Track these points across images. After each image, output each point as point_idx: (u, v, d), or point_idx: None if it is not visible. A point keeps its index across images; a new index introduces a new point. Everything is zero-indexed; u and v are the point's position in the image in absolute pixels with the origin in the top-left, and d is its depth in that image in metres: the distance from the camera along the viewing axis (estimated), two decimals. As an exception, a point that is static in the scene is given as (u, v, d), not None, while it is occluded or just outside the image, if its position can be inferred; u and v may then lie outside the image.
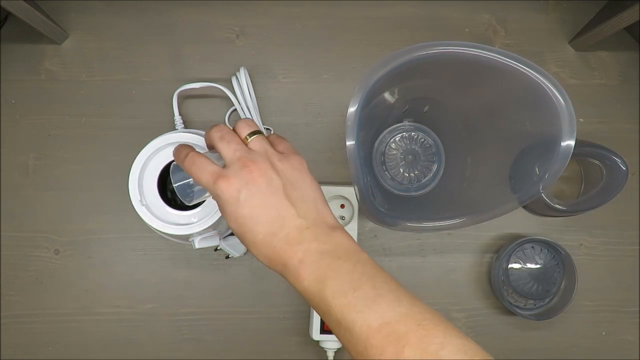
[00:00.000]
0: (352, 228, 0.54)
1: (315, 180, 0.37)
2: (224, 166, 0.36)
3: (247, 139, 0.37)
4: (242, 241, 0.36)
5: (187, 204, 0.40)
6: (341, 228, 0.36)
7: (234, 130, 0.37)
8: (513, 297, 0.56)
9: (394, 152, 0.57)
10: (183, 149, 0.38)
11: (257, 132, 0.37)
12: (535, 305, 0.56)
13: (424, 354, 0.27)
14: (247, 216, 0.34)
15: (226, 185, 0.34)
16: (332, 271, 0.32)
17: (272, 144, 0.38)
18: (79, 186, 0.56)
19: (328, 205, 0.37)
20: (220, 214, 0.45)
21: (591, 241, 0.58)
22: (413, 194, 0.57)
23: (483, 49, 0.39)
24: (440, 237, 0.57)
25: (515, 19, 0.60)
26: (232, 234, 0.51)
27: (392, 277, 0.33)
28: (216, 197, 0.35)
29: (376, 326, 0.29)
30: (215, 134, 0.37)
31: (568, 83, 0.59)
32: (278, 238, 0.34)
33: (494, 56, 0.39)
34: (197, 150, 0.38)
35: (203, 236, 0.46)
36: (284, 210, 0.34)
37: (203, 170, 0.36)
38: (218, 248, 0.49)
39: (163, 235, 0.47)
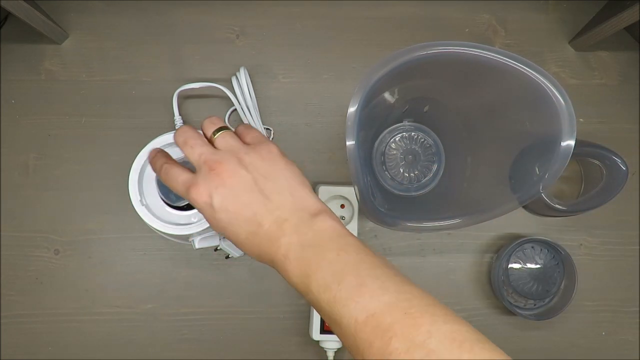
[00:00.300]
0: (352, 228, 0.54)
1: (289, 164, 0.36)
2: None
3: (214, 137, 0.36)
4: (231, 242, 0.35)
5: (173, 204, 0.40)
6: (324, 211, 0.34)
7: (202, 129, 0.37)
8: (513, 297, 0.56)
9: (394, 152, 0.57)
10: (158, 160, 0.37)
11: (222, 128, 0.36)
12: (535, 305, 0.56)
13: (411, 345, 0.26)
14: (224, 220, 0.34)
15: (197, 194, 0.34)
16: (315, 264, 0.31)
17: (240, 137, 0.37)
18: (79, 186, 0.56)
19: (307, 186, 0.36)
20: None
21: (591, 241, 0.58)
22: (413, 194, 0.57)
23: (483, 49, 0.39)
24: (440, 237, 0.57)
25: (515, 19, 0.60)
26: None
27: (380, 259, 0.32)
28: (193, 205, 0.35)
29: (362, 319, 0.28)
30: (179, 139, 0.36)
31: (568, 83, 0.59)
32: (260, 236, 0.33)
33: (494, 56, 0.39)
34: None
35: (203, 236, 0.46)
36: (259, 207, 0.33)
37: (175, 181, 0.35)
38: (218, 248, 0.49)
39: (163, 235, 0.47)
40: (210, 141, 0.37)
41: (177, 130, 0.37)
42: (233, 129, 0.39)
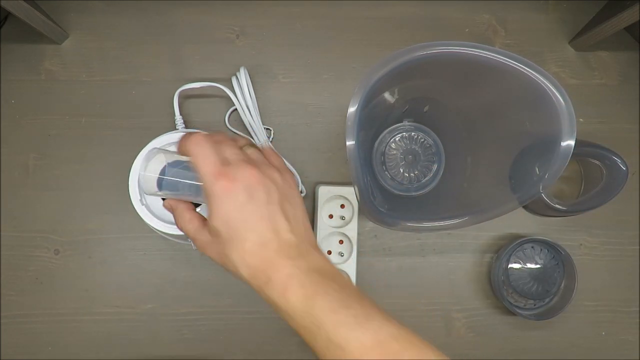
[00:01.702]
0: (352, 228, 0.54)
1: (301, 197, 0.38)
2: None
3: (243, 148, 0.37)
4: (225, 245, 0.34)
5: (147, 194, 0.38)
6: (322, 252, 0.36)
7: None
8: (513, 297, 0.56)
9: (394, 152, 0.57)
10: (191, 135, 0.36)
11: (252, 145, 0.38)
12: (535, 305, 0.56)
13: None
14: (239, 220, 0.33)
15: (226, 183, 0.33)
16: (322, 289, 0.32)
17: (265, 156, 0.38)
18: (79, 186, 0.56)
19: (309, 222, 0.38)
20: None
21: (591, 241, 0.58)
22: (413, 194, 0.57)
23: (483, 49, 0.39)
24: (440, 237, 0.57)
25: (515, 19, 0.60)
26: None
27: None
28: (210, 192, 0.33)
29: (370, 345, 0.30)
30: (216, 138, 0.36)
31: (568, 83, 0.59)
32: (267, 249, 0.33)
33: (494, 56, 0.39)
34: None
35: (203, 236, 0.46)
36: (278, 223, 0.34)
37: (207, 158, 0.34)
38: (218, 248, 0.49)
39: (163, 235, 0.47)
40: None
41: (212, 133, 0.36)
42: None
